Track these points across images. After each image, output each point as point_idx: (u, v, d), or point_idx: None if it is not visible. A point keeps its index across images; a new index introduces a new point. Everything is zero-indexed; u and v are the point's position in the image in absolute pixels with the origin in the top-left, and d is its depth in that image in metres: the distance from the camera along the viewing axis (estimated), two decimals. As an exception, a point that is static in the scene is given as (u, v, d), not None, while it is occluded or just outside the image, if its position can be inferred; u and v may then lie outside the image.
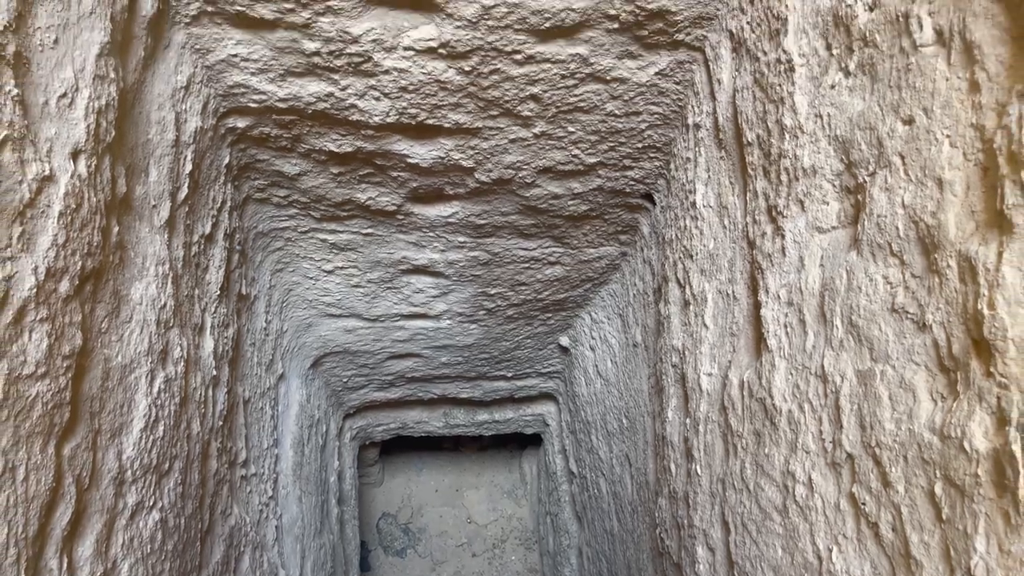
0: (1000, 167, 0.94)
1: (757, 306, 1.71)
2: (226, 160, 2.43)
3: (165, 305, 1.98)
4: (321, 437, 4.54)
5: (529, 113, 2.40)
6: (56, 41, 1.41)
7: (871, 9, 1.29)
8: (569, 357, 4.76)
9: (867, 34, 1.29)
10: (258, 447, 3.12)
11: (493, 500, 7.75)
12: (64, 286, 1.45)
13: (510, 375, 5.26)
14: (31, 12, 1.33)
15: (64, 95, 1.43)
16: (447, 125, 2.45)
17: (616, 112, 2.41)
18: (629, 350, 3.35)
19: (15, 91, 1.27)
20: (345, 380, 4.84)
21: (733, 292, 1.92)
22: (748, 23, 1.80)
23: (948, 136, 1.08)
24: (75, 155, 1.46)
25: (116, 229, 1.69)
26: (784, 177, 1.60)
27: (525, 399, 5.97)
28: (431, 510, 7.65)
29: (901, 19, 1.20)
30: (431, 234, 3.20)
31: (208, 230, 2.34)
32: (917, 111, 1.15)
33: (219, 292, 2.47)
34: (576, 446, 4.97)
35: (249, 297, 2.93)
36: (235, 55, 2.11)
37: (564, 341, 4.59)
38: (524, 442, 7.68)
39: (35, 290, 1.34)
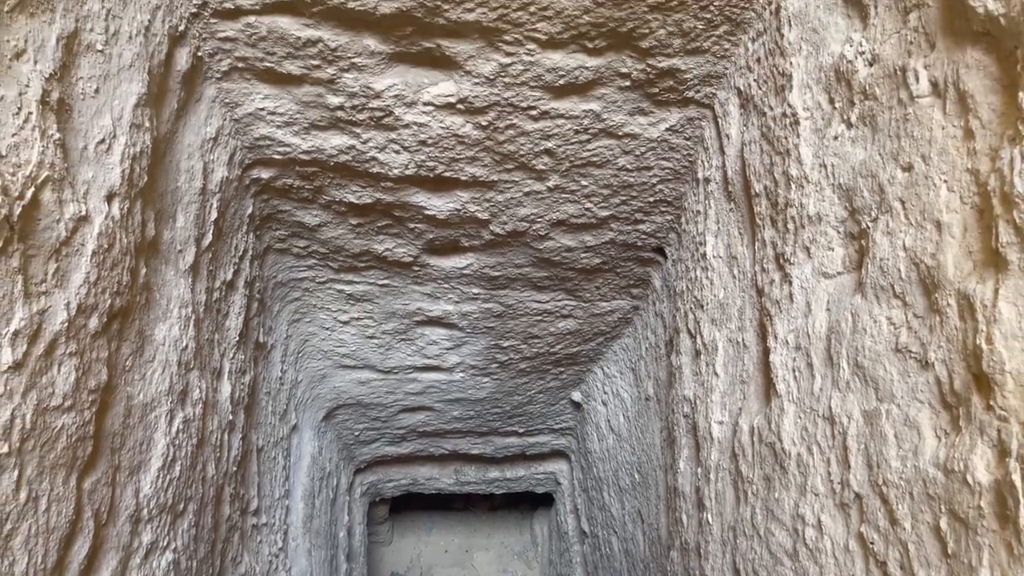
0: (994, 208, 0.99)
1: (766, 352, 1.74)
2: (249, 210, 2.51)
3: (187, 347, 2.03)
4: (332, 491, 4.52)
5: (543, 167, 2.48)
6: (97, 91, 1.49)
7: (870, 64, 1.35)
8: (581, 413, 4.75)
9: (867, 88, 1.35)
10: (270, 496, 3.13)
11: (504, 562, 7.63)
12: (93, 322, 1.50)
13: (522, 431, 5.25)
14: (75, 63, 1.42)
15: (102, 141, 1.51)
16: (464, 178, 2.52)
17: (628, 167, 2.48)
18: (641, 404, 3.36)
19: (57, 135, 1.35)
20: (357, 433, 4.84)
21: (743, 340, 1.95)
22: (755, 80, 1.87)
23: (945, 181, 1.12)
24: (110, 198, 1.53)
25: (144, 271, 1.75)
26: (791, 225, 1.65)
27: (537, 456, 5.94)
28: (441, 571, 7.53)
29: (899, 73, 1.26)
30: (446, 286, 3.25)
31: (230, 277, 2.40)
32: (916, 158, 1.20)
33: (238, 338, 2.52)
34: (588, 504, 4.92)
35: (266, 346, 2.98)
36: (262, 109, 2.21)
37: (576, 396, 4.59)
38: (535, 502, 7.59)
39: (66, 324, 1.39)
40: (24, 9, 1.26)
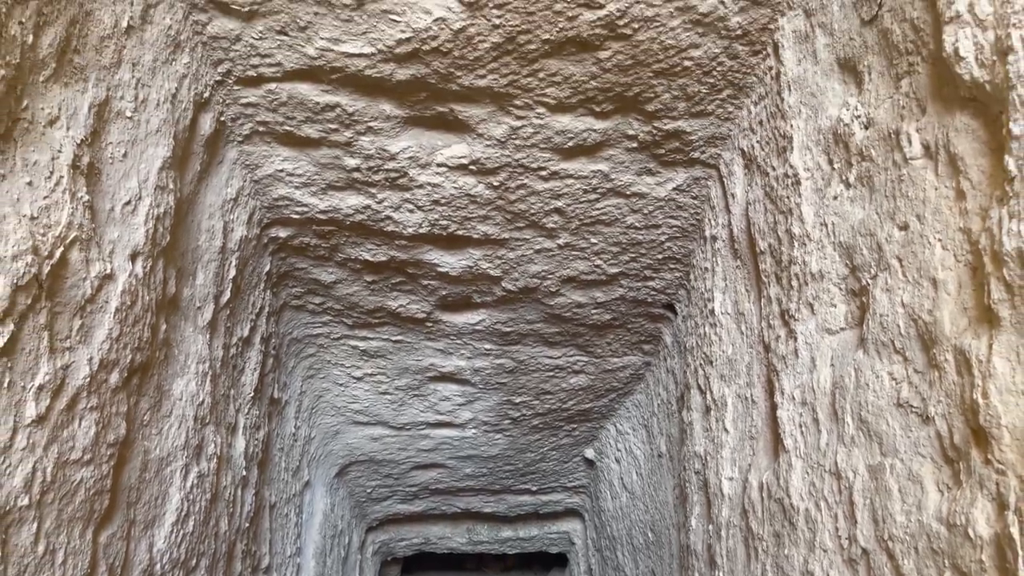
0: (986, 266, 1.02)
1: (774, 408, 1.76)
2: (267, 267, 2.57)
3: (203, 402, 2.07)
4: (343, 549, 4.49)
5: (553, 225, 2.53)
6: (125, 155, 1.56)
7: (866, 127, 1.40)
8: (595, 470, 4.72)
9: (864, 149, 1.40)
10: (281, 554, 3.12)
11: (517, 624, 7.47)
12: (114, 377, 1.54)
13: (535, 489, 5.21)
14: (105, 129, 1.49)
15: (128, 202, 1.57)
16: (476, 236, 2.58)
17: (636, 225, 2.53)
18: (654, 461, 3.34)
19: (86, 197, 1.41)
20: (369, 491, 4.82)
21: (751, 395, 1.96)
22: (758, 141, 1.93)
23: (940, 239, 1.16)
24: (134, 257, 1.59)
25: (164, 327, 1.80)
26: (795, 282, 1.68)
27: (550, 515, 5.87)
28: (453, 633, 7.38)
29: (893, 135, 1.30)
30: (458, 341, 3.28)
31: (246, 333, 2.45)
32: (911, 217, 1.23)
33: (253, 394, 2.56)
34: (602, 564, 4.85)
35: (280, 402, 3.01)
36: (281, 170, 2.28)
37: (589, 454, 4.57)
38: (549, 562, 7.47)
39: (88, 379, 1.44)
40: (59, 79, 1.34)
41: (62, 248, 1.33)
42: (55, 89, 1.33)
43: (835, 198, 1.51)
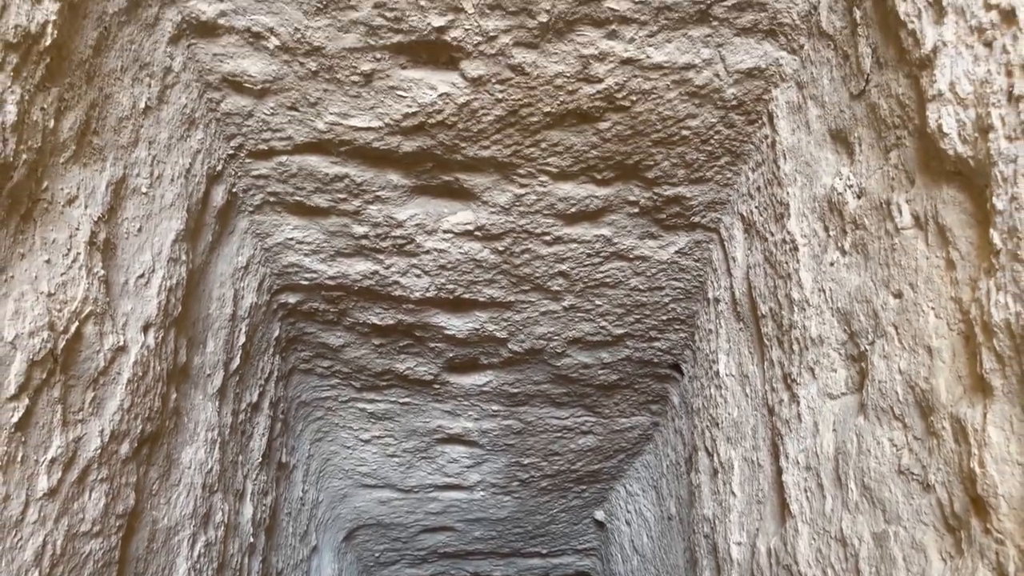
0: (977, 335, 1.04)
1: (779, 472, 1.76)
2: (276, 333, 2.61)
3: (211, 469, 2.08)
4: (351, 614, 4.42)
5: (558, 288, 2.57)
6: (140, 229, 1.61)
7: (859, 196, 1.44)
8: (605, 532, 4.66)
9: (857, 218, 1.44)
10: (288, 621, 3.08)
11: None
12: (124, 448, 1.56)
13: (545, 552, 5.13)
14: (122, 205, 1.55)
15: (142, 275, 1.62)
16: (482, 299, 2.62)
17: (640, 287, 2.57)
18: (664, 523, 3.31)
19: (102, 272, 1.45)
20: (377, 555, 4.77)
21: (757, 459, 1.96)
22: (756, 207, 1.97)
23: (933, 308, 1.18)
24: (146, 328, 1.63)
25: (174, 396, 1.82)
26: (796, 347, 1.70)
27: (561, 578, 5.77)
28: None
29: (884, 205, 1.34)
30: (466, 403, 3.29)
31: (255, 399, 2.47)
32: (904, 286, 1.26)
33: (261, 459, 2.56)
34: (614, 629, 4.75)
35: (288, 466, 3.02)
36: (291, 238, 2.34)
37: (599, 515, 4.52)
38: (561, 626, 7.30)
39: (99, 451, 1.46)
40: (78, 159, 1.39)
41: (77, 323, 1.37)
42: (74, 170, 1.38)
43: (832, 264, 1.54)
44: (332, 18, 1.72)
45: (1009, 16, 0.98)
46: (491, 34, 1.75)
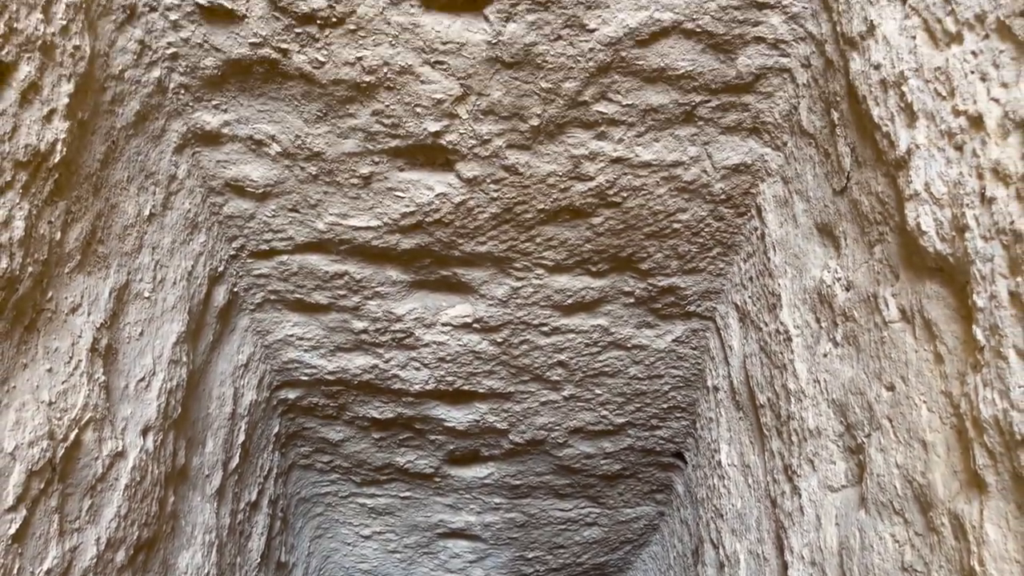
0: (968, 431, 1.04)
1: (785, 566, 1.73)
2: (276, 429, 2.60)
3: (208, 574, 2.04)
4: None
5: (558, 378, 2.57)
6: (141, 333, 1.64)
7: (847, 289, 1.46)
8: (614, 626, 4.52)
9: (847, 310, 1.46)
10: None
11: None
12: (120, 556, 1.55)
13: (553, 647, 4.96)
14: (124, 311, 1.57)
15: (142, 379, 1.63)
16: (482, 391, 2.62)
17: (639, 375, 2.57)
18: (673, 617, 3.22)
19: (103, 378, 1.47)
20: (379, 654, 4.61)
21: (762, 552, 1.93)
22: (750, 297, 1.99)
23: (925, 401, 1.19)
24: (145, 432, 1.63)
25: (172, 499, 1.81)
26: (795, 438, 1.69)
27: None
28: None
29: (872, 299, 1.36)
30: (467, 496, 3.25)
31: (254, 498, 2.45)
32: (896, 378, 1.27)
33: (259, 560, 2.52)
34: None
35: (288, 565, 2.96)
36: (291, 335, 2.36)
37: (608, 608, 4.39)
38: None
39: (95, 560, 1.44)
40: (83, 268, 1.43)
41: (76, 430, 1.38)
42: (79, 278, 1.41)
43: (825, 356, 1.55)
44: (332, 125, 1.79)
45: (977, 122, 1.03)
46: (485, 137, 1.81)
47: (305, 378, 2.53)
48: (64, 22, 1.27)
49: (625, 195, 1.95)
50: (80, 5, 1.31)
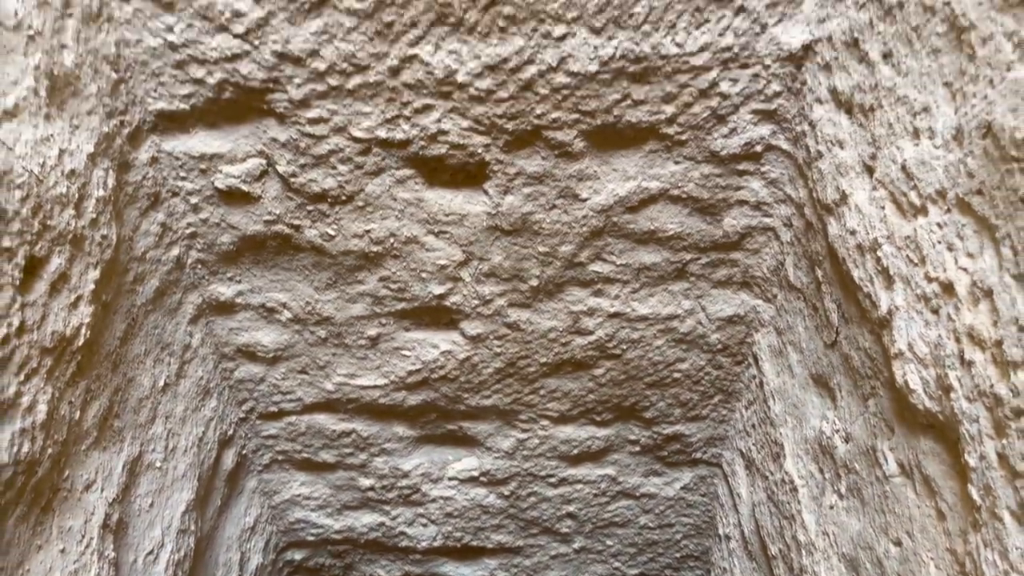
0: (977, 591, 1.05)
1: None
2: (281, 592, 2.55)
3: None
4: None
5: (567, 530, 2.54)
6: (152, 504, 1.65)
7: (846, 441, 1.49)
8: None
9: (848, 462, 1.48)
10: None
11: None
12: None
13: None
14: (136, 483, 1.60)
15: (151, 552, 1.63)
16: (490, 546, 2.58)
17: (650, 524, 2.54)
18: None
19: (112, 554, 1.47)
20: None
21: None
22: (754, 444, 2.01)
23: (932, 558, 1.19)
24: (151, 606, 1.61)
25: (175, 676, 1.76)
26: (809, 592, 1.67)
27: None
28: None
29: (871, 451, 1.39)
30: (479, 656, 3.12)
31: (258, 667, 2.37)
32: (902, 534, 1.28)
33: None
34: None
35: None
36: (298, 495, 2.36)
37: None
38: None
39: None
40: (99, 444, 1.46)
41: (85, 611, 1.37)
42: (94, 455, 1.45)
43: (831, 508, 1.56)
44: (341, 291, 1.87)
45: (949, 288, 1.09)
46: (488, 298, 1.89)
47: (311, 538, 2.50)
48: (94, 215, 1.37)
49: (624, 347, 2.00)
50: (109, 198, 1.41)
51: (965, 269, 1.06)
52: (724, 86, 1.51)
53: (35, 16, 1.18)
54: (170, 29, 1.41)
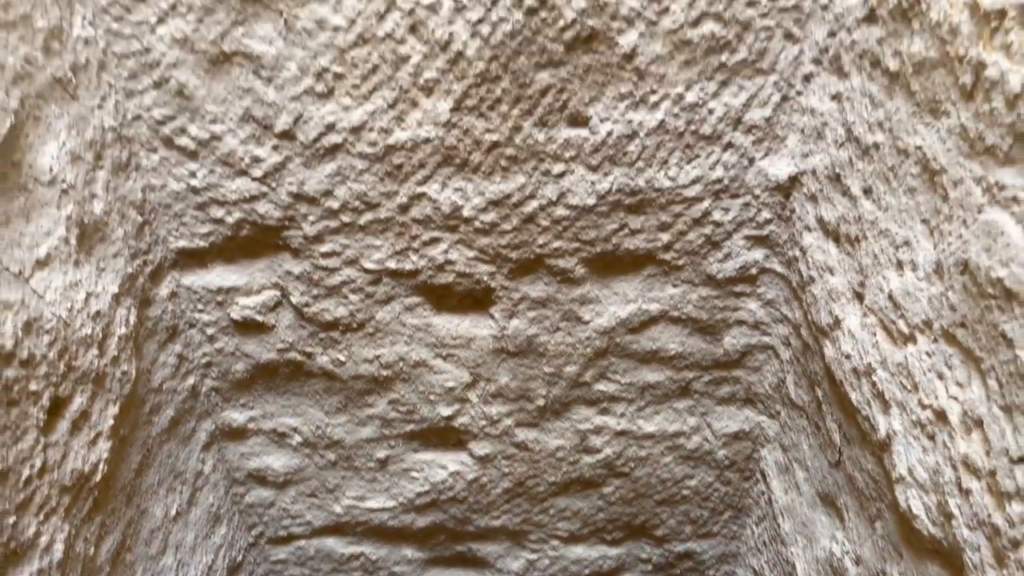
0: None
1: None
2: None
3: None
4: None
5: (581, 653, 2.48)
6: (160, 638, 1.63)
7: (857, 563, 1.48)
8: None
9: (859, 585, 1.47)
10: None
11: None
12: None
13: None
14: (145, 616, 1.59)
15: None
16: (502, 671, 2.51)
17: (665, 646, 2.47)
18: None
19: None
20: None
21: None
22: (766, 562, 1.99)
23: None
24: None
25: None
26: None
27: None
28: None
29: (882, 575, 1.38)
30: None
31: None
32: (918, 663, 1.26)
33: None
34: None
35: None
36: (306, 620, 2.32)
37: None
38: None
39: None
40: (110, 578, 1.47)
41: None
42: (105, 589, 1.45)
43: (847, 632, 1.54)
44: (351, 415, 1.91)
45: (942, 416, 1.13)
46: (495, 418, 1.92)
47: (319, 665, 2.44)
48: (116, 352, 1.42)
49: (632, 465, 2.01)
50: (130, 335, 1.47)
51: (955, 398, 1.10)
52: (717, 215, 1.59)
53: (68, 171, 1.27)
54: (193, 175, 1.50)
